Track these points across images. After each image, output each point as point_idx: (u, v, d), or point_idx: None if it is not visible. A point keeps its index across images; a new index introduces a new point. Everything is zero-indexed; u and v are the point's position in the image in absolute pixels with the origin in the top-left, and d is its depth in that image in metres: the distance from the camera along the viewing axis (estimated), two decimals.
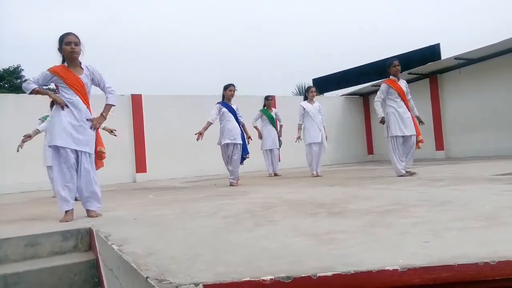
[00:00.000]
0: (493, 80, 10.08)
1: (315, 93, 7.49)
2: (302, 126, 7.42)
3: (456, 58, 10.09)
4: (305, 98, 7.51)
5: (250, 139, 6.54)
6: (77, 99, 3.41)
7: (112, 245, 2.18)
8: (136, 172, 10.39)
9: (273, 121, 8.42)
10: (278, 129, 8.50)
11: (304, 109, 7.35)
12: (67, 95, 3.40)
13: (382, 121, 5.77)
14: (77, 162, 3.43)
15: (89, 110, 3.52)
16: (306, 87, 7.78)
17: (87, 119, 3.46)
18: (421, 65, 10.59)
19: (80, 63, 3.49)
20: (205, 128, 6.18)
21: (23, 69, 22.77)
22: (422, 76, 11.20)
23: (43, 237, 2.75)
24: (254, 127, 8.34)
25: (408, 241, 1.82)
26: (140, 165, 10.46)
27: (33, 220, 3.51)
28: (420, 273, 1.42)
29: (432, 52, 11.30)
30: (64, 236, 2.80)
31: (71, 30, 3.46)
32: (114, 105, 3.66)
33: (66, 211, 3.35)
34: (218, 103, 6.33)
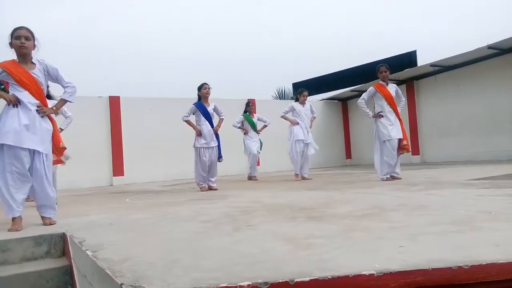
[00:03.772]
0: (467, 86, 10.39)
1: (306, 97, 7.47)
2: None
3: (431, 65, 10.36)
4: (296, 100, 7.54)
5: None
6: (27, 94, 3.18)
7: (86, 251, 2.12)
8: (113, 175, 10.22)
9: (254, 127, 8.44)
10: (261, 128, 8.51)
11: (293, 108, 7.37)
12: (18, 91, 3.17)
13: (375, 115, 5.84)
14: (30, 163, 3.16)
15: (45, 106, 3.30)
16: (298, 91, 7.68)
17: (37, 108, 3.19)
18: (398, 71, 10.82)
19: (32, 58, 3.29)
20: (193, 126, 6.31)
21: None
22: (399, 82, 11.44)
23: (14, 243, 2.65)
24: (239, 127, 8.44)
25: (384, 246, 1.84)
26: (117, 168, 10.29)
27: (3, 224, 3.38)
28: (396, 277, 1.43)
29: (409, 59, 11.59)
30: (36, 242, 2.72)
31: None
32: (70, 101, 3.46)
33: (13, 218, 3.10)
34: (194, 103, 6.34)
